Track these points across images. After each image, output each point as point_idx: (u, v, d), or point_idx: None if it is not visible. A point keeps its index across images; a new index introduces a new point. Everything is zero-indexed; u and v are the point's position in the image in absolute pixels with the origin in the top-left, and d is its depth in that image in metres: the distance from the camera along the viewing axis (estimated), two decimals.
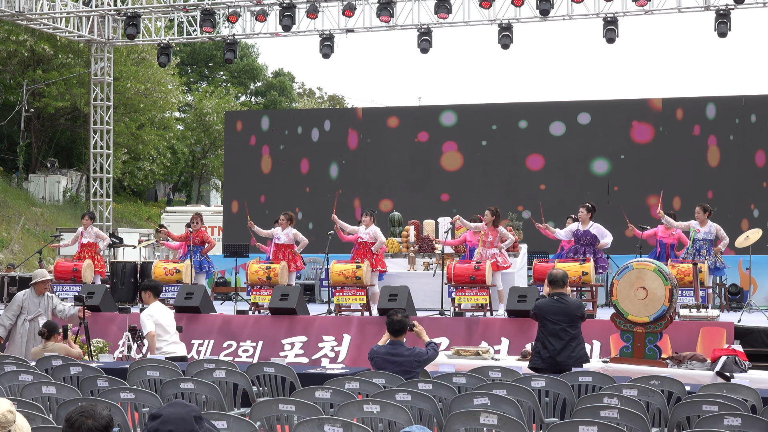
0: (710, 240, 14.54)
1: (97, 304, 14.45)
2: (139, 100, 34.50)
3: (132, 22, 21.02)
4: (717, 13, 18.51)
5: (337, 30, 20.78)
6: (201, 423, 4.02)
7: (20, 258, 26.96)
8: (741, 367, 9.28)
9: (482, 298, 13.71)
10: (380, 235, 14.92)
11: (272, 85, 49.39)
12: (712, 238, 14.56)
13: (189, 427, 3.96)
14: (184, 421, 3.97)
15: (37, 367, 8.85)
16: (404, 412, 6.16)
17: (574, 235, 14.21)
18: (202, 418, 4.05)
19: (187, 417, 3.99)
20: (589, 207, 14.29)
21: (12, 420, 4.34)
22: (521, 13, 19.80)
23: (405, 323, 8.34)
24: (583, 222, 14.20)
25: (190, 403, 4.15)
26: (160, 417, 3.99)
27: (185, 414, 4.00)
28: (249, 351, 13.50)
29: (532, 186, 20.70)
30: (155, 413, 4.04)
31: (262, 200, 22.34)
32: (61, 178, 34.86)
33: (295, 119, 23.35)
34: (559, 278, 9.49)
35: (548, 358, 9.24)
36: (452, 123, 21.56)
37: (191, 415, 4.00)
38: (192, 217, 16.17)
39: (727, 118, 19.99)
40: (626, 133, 20.48)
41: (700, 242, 14.51)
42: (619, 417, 6.14)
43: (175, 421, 3.97)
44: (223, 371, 8.21)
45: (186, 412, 4.01)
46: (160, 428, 3.96)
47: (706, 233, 14.47)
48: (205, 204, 41.63)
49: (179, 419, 3.97)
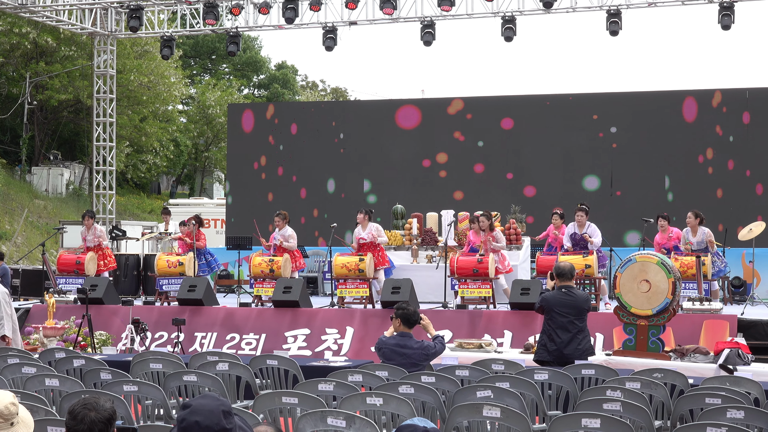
0: (704, 248, 14.35)
1: (100, 297, 14.47)
2: (142, 93, 34.47)
3: (135, 14, 20.99)
4: (720, 5, 18.47)
5: (340, 22, 20.75)
6: (230, 418, 4.06)
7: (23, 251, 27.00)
8: (744, 360, 9.29)
9: (485, 291, 13.71)
10: (382, 235, 14.90)
11: (275, 77, 49.35)
12: (705, 246, 14.34)
13: (216, 420, 4.00)
14: (212, 414, 4.00)
15: (41, 359, 8.86)
16: (407, 404, 6.16)
17: (572, 238, 14.25)
18: (232, 413, 4.09)
19: (216, 410, 4.03)
20: (586, 210, 14.31)
21: (15, 412, 4.35)
22: (524, 5, 19.77)
23: (418, 316, 8.38)
24: (581, 225, 14.20)
25: (224, 398, 4.19)
26: (190, 407, 4.04)
27: (215, 407, 4.03)
28: (252, 344, 13.52)
29: (535, 179, 20.67)
30: (187, 403, 4.10)
31: (267, 195, 22.33)
32: (64, 170, 34.86)
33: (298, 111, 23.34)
34: (567, 271, 9.46)
35: (555, 350, 9.21)
36: (456, 115, 21.52)
37: (220, 409, 4.04)
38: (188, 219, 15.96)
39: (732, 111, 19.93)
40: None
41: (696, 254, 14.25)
42: (622, 410, 6.14)
43: (204, 412, 4.00)
44: (226, 364, 8.21)
45: (216, 406, 4.05)
46: (187, 417, 4.01)
47: (699, 242, 14.28)
48: (208, 197, 41.63)
49: (208, 411, 4.01)
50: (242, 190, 22.75)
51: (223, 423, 4.01)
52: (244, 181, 22.75)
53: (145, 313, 14.14)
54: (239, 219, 22.25)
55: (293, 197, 21.82)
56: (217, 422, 4.00)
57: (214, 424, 3.99)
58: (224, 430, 4.01)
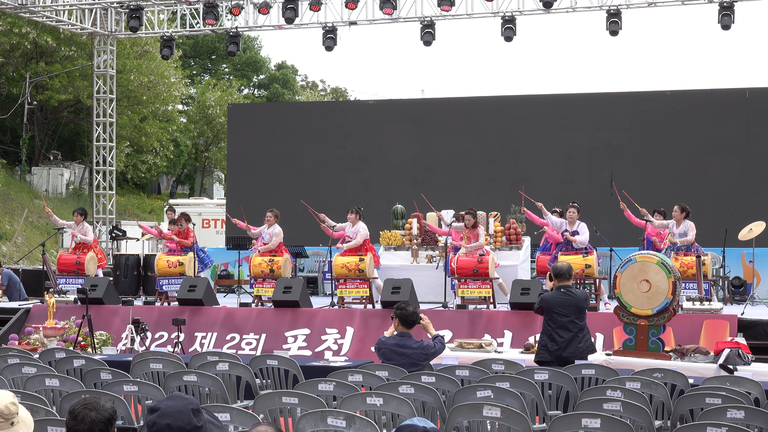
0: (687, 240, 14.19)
1: (101, 297, 14.46)
2: (142, 93, 34.48)
3: (135, 14, 20.99)
4: (720, 5, 18.47)
5: (340, 22, 20.75)
6: (199, 416, 4.02)
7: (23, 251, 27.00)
8: (744, 360, 9.29)
9: (485, 291, 13.71)
10: (360, 234, 14.50)
11: (275, 77, 49.35)
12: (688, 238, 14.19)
13: (187, 419, 3.96)
14: (182, 414, 3.97)
15: (41, 359, 8.86)
16: (407, 404, 6.16)
17: (561, 234, 14.17)
18: (201, 411, 4.05)
19: (185, 410, 3.99)
20: (578, 207, 14.27)
21: (15, 412, 4.34)
22: (524, 5, 19.76)
23: (417, 316, 8.37)
24: (571, 222, 14.15)
25: (190, 395, 4.15)
26: (159, 410, 4.00)
27: (183, 407, 4.00)
28: (252, 344, 13.52)
29: (535, 179, 20.66)
30: (154, 406, 4.04)
31: (267, 195, 22.32)
32: (64, 170, 34.86)
33: (299, 111, 23.34)
34: (565, 271, 9.47)
35: (556, 350, 9.21)
36: (455, 115, 21.52)
37: (189, 408, 4.00)
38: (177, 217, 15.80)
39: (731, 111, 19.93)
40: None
41: (678, 246, 14.16)
42: (622, 410, 6.14)
43: (173, 414, 3.97)
44: (226, 364, 8.21)
45: (184, 405, 4.01)
46: (158, 421, 3.96)
47: (681, 234, 14.12)
48: (208, 197, 41.62)
49: (177, 412, 3.98)
50: (242, 190, 22.73)
51: (194, 422, 3.98)
52: (244, 181, 22.74)
53: (145, 313, 14.14)
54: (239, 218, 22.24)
55: (293, 197, 21.77)
56: (188, 422, 3.96)
57: (185, 424, 3.96)
58: (196, 428, 3.98)
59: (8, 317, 14.73)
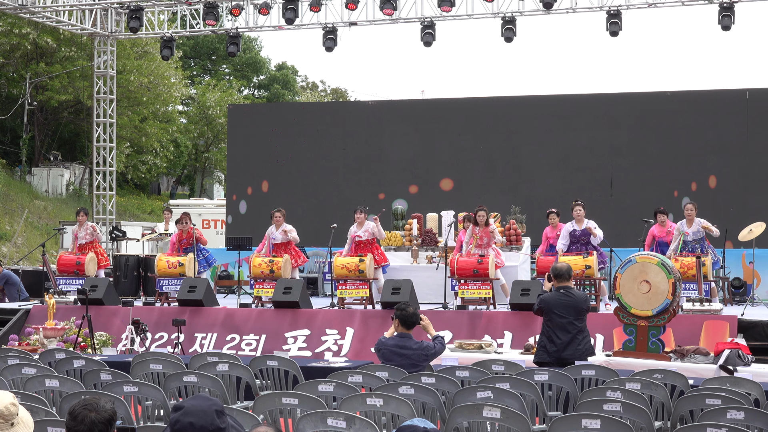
0: (700, 237, 14.25)
1: (101, 297, 14.46)
2: (142, 94, 34.48)
3: (135, 15, 20.99)
4: (720, 6, 18.48)
5: (340, 23, 20.76)
6: (223, 417, 4.06)
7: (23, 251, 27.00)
8: (744, 361, 9.28)
9: (485, 292, 13.71)
10: (380, 230, 14.83)
11: (275, 78, 49.35)
12: (702, 236, 14.25)
13: (210, 420, 4.01)
14: (205, 414, 4.02)
15: (41, 360, 8.86)
16: (407, 405, 6.16)
17: (571, 235, 14.14)
18: (224, 413, 4.10)
19: (209, 410, 4.04)
20: (583, 205, 14.26)
21: (15, 413, 4.35)
22: (524, 6, 19.78)
23: (417, 317, 8.37)
24: (579, 220, 14.14)
25: (215, 397, 4.20)
26: (183, 408, 4.05)
27: (207, 407, 4.05)
28: (252, 344, 13.52)
29: (535, 179, 20.68)
30: (178, 405, 4.10)
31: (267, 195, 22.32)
32: (64, 171, 34.87)
33: (299, 112, 23.34)
34: (564, 271, 9.46)
35: (555, 351, 9.19)
36: (455, 116, 21.52)
37: (213, 408, 4.05)
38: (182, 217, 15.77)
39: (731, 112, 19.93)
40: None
41: (692, 243, 14.19)
42: (622, 410, 6.14)
43: (197, 413, 4.02)
44: (226, 364, 8.21)
45: (208, 406, 4.06)
46: (181, 419, 4.02)
47: (695, 233, 14.17)
48: (208, 197, 41.63)
49: (201, 412, 4.02)
50: (242, 190, 22.73)
51: (216, 422, 4.02)
52: (244, 182, 22.73)
53: (145, 313, 14.14)
54: (239, 220, 22.27)
55: (293, 197, 21.80)
56: (210, 422, 4.01)
57: (208, 424, 4.00)
58: (218, 429, 4.02)
59: (8, 318, 14.72)
